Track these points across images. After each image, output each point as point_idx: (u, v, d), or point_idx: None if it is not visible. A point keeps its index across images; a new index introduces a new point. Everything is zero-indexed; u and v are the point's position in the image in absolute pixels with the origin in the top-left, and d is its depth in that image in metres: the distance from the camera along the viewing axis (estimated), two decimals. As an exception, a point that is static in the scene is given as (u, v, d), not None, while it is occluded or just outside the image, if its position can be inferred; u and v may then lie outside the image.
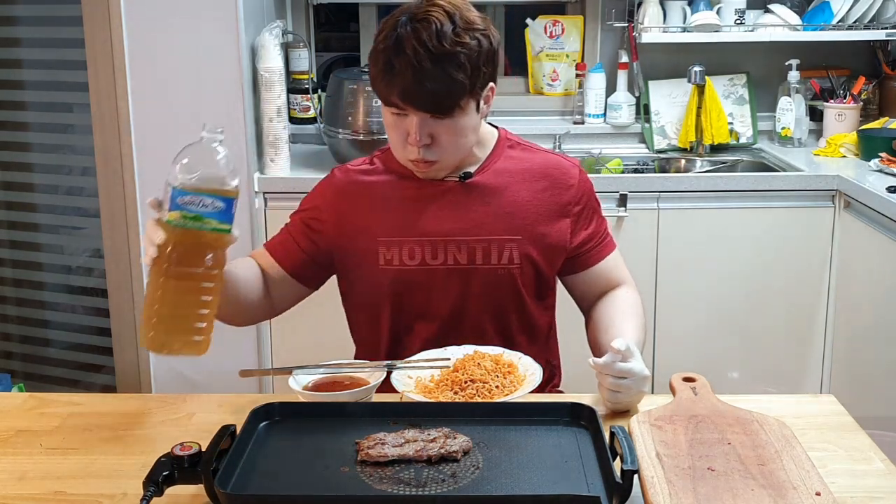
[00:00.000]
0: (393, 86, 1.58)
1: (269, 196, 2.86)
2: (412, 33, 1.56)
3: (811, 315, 2.94)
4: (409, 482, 1.21)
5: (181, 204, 1.32)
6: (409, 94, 1.57)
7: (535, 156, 1.78)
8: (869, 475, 1.30)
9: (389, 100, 1.61)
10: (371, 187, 1.75)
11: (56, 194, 3.24)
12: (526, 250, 1.71)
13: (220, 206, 1.35)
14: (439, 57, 1.55)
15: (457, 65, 1.57)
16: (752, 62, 3.39)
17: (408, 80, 1.56)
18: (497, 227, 1.71)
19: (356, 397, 1.45)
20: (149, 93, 2.76)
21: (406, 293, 1.72)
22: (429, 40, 1.55)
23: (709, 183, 2.91)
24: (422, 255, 1.70)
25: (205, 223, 1.34)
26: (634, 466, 1.17)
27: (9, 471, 1.32)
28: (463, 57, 1.57)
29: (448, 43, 1.56)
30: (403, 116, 1.62)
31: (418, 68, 1.55)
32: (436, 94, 1.57)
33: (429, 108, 1.59)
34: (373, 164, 1.79)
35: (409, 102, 1.59)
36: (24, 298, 3.29)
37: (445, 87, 1.57)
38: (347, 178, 1.77)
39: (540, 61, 3.47)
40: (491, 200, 1.72)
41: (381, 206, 1.73)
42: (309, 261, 1.75)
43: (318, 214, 1.76)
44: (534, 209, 1.73)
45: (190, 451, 1.20)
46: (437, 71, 1.56)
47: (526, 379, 1.51)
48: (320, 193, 1.79)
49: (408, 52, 1.55)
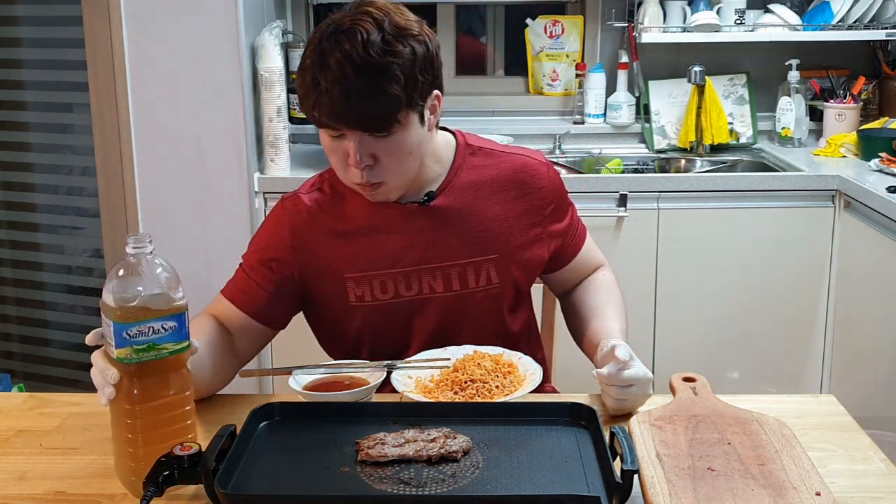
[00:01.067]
0: (320, 105, 1.44)
1: (269, 196, 2.86)
2: (335, 46, 1.42)
3: (811, 315, 2.94)
4: (409, 482, 1.21)
5: (129, 338, 1.19)
6: (339, 113, 1.44)
7: (501, 160, 1.66)
8: (869, 475, 1.30)
9: (320, 121, 1.47)
10: (327, 218, 1.61)
11: (56, 194, 3.24)
12: (505, 267, 1.63)
13: (172, 326, 1.22)
14: (368, 70, 1.41)
15: (389, 77, 1.42)
16: (752, 62, 3.39)
17: (335, 98, 1.42)
18: (471, 248, 1.61)
19: (356, 397, 1.44)
20: (149, 93, 2.76)
21: (382, 328, 1.63)
22: (354, 52, 1.41)
23: (709, 183, 2.91)
24: (395, 288, 1.60)
25: (161, 350, 1.21)
26: (634, 466, 1.17)
27: (9, 471, 1.32)
28: (395, 68, 1.43)
29: (376, 53, 1.42)
30: (341, 138, 1.48)
31: (345, 84, 1.41)
32: (368, 111, 1.43)
33: (363, 126, 1.45)
34: (323, 190, 1.64)
35: (341, 122, 1.45)
36: (24, 298, 3.29)
37: (378, 102, 1.43)
38: (299, 211, 1.62)
39: (540, 61, 3.47)
40: (461, 220, 1.61)
41: (342, 238, 1.60)
42: (275, 303, 1.61)
43: (276, 254, 1.61)
44: (507, 223, 1.63)
45: (190, 451, 1.20)
46: (366, 85, 1.41)
47: (526, 379, 1.51)
48: (274, 231, 1.64)
49: (332, 66, 1.41)
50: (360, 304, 1.62)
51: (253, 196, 2.82)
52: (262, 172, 2.88)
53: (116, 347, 1.20)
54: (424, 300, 1.62)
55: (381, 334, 1.65)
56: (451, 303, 1.63)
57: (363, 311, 1.62)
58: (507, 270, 1.64)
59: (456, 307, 1.64)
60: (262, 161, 2.88)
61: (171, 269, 1.24)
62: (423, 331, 1.64)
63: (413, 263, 1.60)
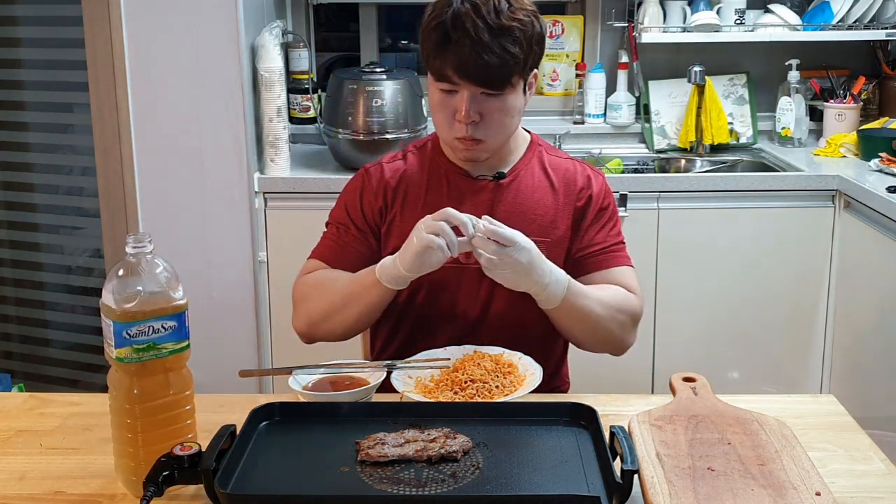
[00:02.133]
0: (448, 59, 1.59)
1: (269, 196, 2.86)
2: (471, 9, 1.58)
3: (811, 315, 2.94)
4: (409, 482, 1.21)
5: (129, 338, 1.20)
6: (466, 66, 1.59)
7: (563, 162, 1.80)
8: (869, 475, 1.30)
9: (443, 73, 1.61)
10: (405, 183, 1.76)
11: (56, 194, 3.24)
12: (552, 253, 1.69)
13: (172, 326, 1.22)
14: (497, 31, 1.58)
15: (513, 39, 1.59)
16: (752, 62, 3.39)
17: (465, 53, 1.58)
18: (528, 227, 1.68)
19: (356, 397, 1.45)
20: (149, 93, 2.76)
21: (435, 290, 1.72)
22: (487, 15, 1.58)
23: (709, 183, 2.91)
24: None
25: (161, 350, 1.22)
26: (634, 466, 1.17)
27: (9, 471, 1.32)
28: (518, 32, 1.59)
29: (505, 18, 1.59)
30: (453, 94, 1.63)
31: (477, 41, 1.57)
32: (492, 67, 1.58)
33: (483, 81, 1.60)
34: (405, 160, 1.80)
35: (465, 76, 1.60)
36: (24, 298, 3.29)
37: (502, 60, 1.59)
38: (381, 176, 1.77)
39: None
40: (521, 202, 1.74)
41: (416, 202, 1.74)
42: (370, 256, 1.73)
43: (361, 211, 1.76)
44: (559, 216, 1.74)
45: (190, 451, 1.20)
46: (494, 44, 1.58)
47: (526, 379, 1.51)
48: (357, 192, 1.78)
49: (467, 25, 1.57)
50: None
51: (253, 196, 2.82)
52: (262, 172, 2.88)
53: (116, 347, 1.20)
54: (479, 271, 1.66)
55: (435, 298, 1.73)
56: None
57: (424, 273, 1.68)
58: (553, 257, 1.69)
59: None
60: (262, 161, 2.88)
61: (171, 268, 1.24)
62: (474, 301, 1.72)
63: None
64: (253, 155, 2.83)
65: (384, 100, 2.88)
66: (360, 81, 2.90)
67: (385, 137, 2.87)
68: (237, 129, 2.77)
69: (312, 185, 2.85)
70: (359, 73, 2.94)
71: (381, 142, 2.86)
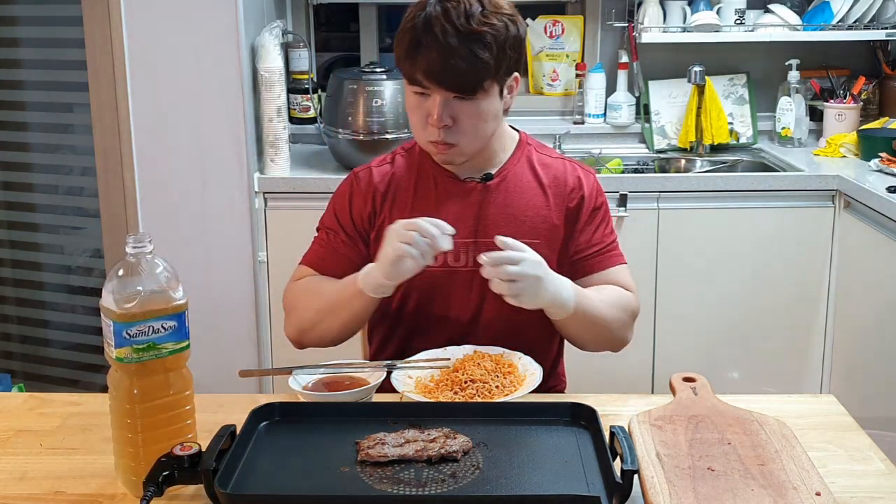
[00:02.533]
0: (418, 63, 1.59)
1: (269, 196, 2.86)
2: (442, 13, 1.58)
3: (811, 315, 2.94)
4: (409, 482, 1.21)
5: (129, 338, 1.20)
6: (434, 71, 1.58)
7: (553, 162, 1.78)
8: (869, 475, 1.30)
9: (414, 77, 1.61)
10: (394, 188, 1.75)
11: (56, 194, 3.24)
12: (544, 254, 1.67)
13: (172, 326, 1.22)
14: (466, 35, 1.57)
15: (483, 45, 1.58)
16: (752, 62, 3.39)
17: (433, 58, 1.57)
18: (517, 229, 1.69)
19: (356, 397, 1.45)
20: (149, 93, 2.76)
21: (427, 294, 1.72)
22: (457, 19, 1.57)
23: (709, 183, 2.91)
24: (445, 257, 1.69)
25: (161, 349, 1.22)
26: (634, 466, 1.17)
27: (9, 471, 1.32)
28: (489, 37, 1.58)
29: (475, 23, 1.58)
30: (426, 97, 1.62)
31: (445, 45, 1.56)
32: (461, 72, 1.58)
33: (453, 86, 1.60)
34: (394, 163, 1.79)
35: (434, 80, 1.59)
36: (24, 298, 3.29)
37: (471, 65, 1.57)
38: (370, 180, 1.76)
39: (540, 61, 3.47)
40: (510, 203, 1.72)
41: (405, 206, 1.73)
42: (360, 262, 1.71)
43: (350, 218, 1.75)
44: (550, 216, 1.73)
45: (190, 451, 1.20)
46: (463, 49, 1.57)
47: (526, 379, 1.51)
48: (346, 197, 1.78)
49: (436, 30, 1.57)
50: None
51: (253, 196, 2.82)
52: (262, 172, 2.88)
53: (116, 347, 1.20)
54: (471, 273, 1.69)
55: (426, 302, 1.72)
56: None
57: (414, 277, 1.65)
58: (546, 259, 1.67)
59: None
60: (262, 161, 2.88)
61: (171, 268, 1.24)
62: (466, 305, 1.71)
63: (464, 236, 1.69)
64: (253, 155, 2.83)
65: (384, 100, 2.88)
66: (360, 81, 2.90)
67: (385, 137, 2.87)
68: (237, 129, 2.77)
69: (312, 185, 2.85)
70: (359, 73, 2.94)
71: (381, 142, 2.86)
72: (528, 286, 1.50)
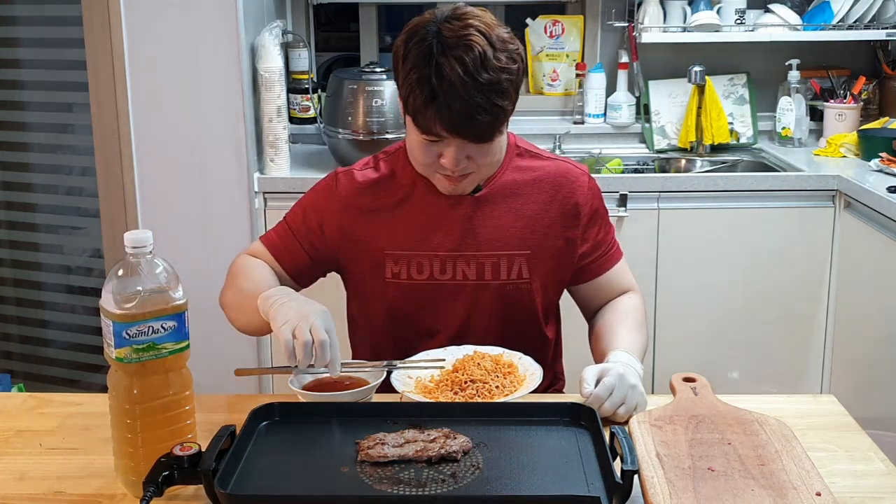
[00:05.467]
0: (440, 118, 1.51)
1: (268, 196, 2.86)
2: (456, 63, 1.48)
3: (811, 315, 2.94)
4: (409, 482, 1.21)
5: (129, 338, 1.19)
6: (458, 126, 1.51)
7: (544, 164, 1.72)
8: (869, 475, 1.30)
9: (431, 130, 1.53)
10: (377, 196, 1.69)
11: (56, 194, 3.24)
12: (535, 265, 1.68)
13: (172, 326, 1.22)
14: (486, 86, 1.49)
15: (501, 92, 1.51)
16: (752, 62, 3.39)
17: (456, 113, 1.49)
18: (507, 241, 1.66)
19: (356, 397, 1.44)
20: (149, 93, 2.76)
21: (412, 308, 1.68)
22: (474, 69, 1.48)
23: (709, 183, 2.91)
24: (430, 270, 1.66)
25: (161, 350, 1.22)
26: (634, 467, 1.17)
27: (9, 471, 1.32)
28: (506, 83, 1.52)
29: (492, 70, 1.50)
30: (437, 142, 1.56)
31: (466, 100, 1.48)
32: (484, 125, 1.52)
33: (474, 138, 1.54)
34: (378, 169, 1.71)
35: (455, 133, 1.52)
36: (24, 298, 3.29)
37: (493, 116, 1.52)
38: (352, 186, 1.70)
39: (540, 61, 3.47)
40: (500, 214, 1.67)
41: (388, 217, 1.68)
42: (311, 264, 1.71)
43: (321, 220, 1.70)
44: (543, 223, 1.68)
45: (190, 451, 1.20)
46: (485, 102, 1.49)
47: (526, 379, 1.51)
48: (323, 198, 1.72)
49: (454, 81, 1.48)
50: (396, 281, 1.67)
51: (253, 196, 2.82)
52: (261, 172, 2.88)
53: (116, 347, 1.20)
54: (457, 286, 1.67)
55: (411, 315, 1.69)
56: (483, 292, 1.67)
57: (397, 288, 1.67)
58: (538, 268, 1.68)
59: (487, 297, 1.68)
60: (262, 161, 2.88)
61: (171, 268, 1.24)
62: (452, 317, 1.68)
63: (450, 249, 1.66)
64: (253, 155, 2.83)
65: (384, 100, 2.88)
66: (360, 81, 2.90)
67: (385, 137, 2.87)
68: (237, 129, 2.78)
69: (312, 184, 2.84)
70: (359, 73, 2.94)
71: (380, 142, 2.86)
72: (640, 403, 1.44)
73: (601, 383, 1.42)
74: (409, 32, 1.56)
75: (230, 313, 1.68)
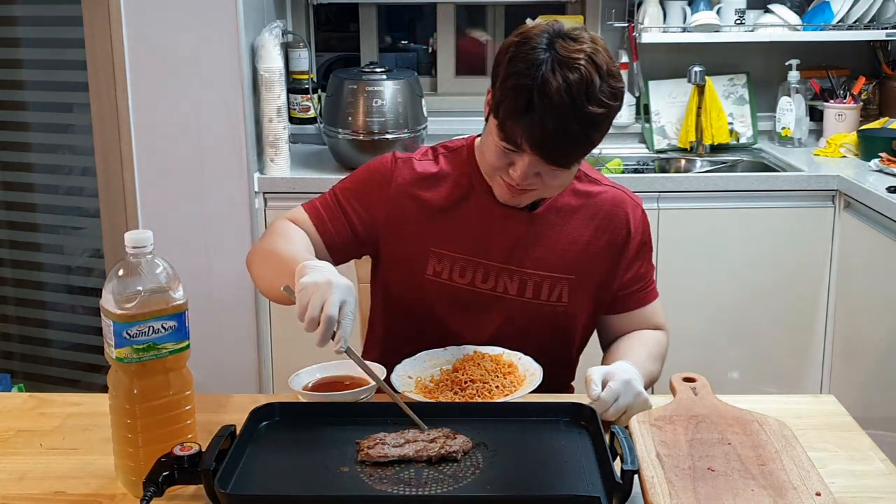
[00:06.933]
0: (529, 131, 1.46)
1: (268, 196, 2.86)
2: (563, 84, 1.43)
3: (811, 315, 2.94)
4: (409, 482, 1.21)
5: (129, 338, 1.19)
6: (542, 145, 1.46)
7: (602, 191, 1.69)
8: (869, 475, 1.30)
9: (514, 139, 1.48)
10: (433, 191, 1.65)
11: (56, 194, 3.24)
12: (577, 290, 1.65)
13: (172, 326, 1.22)
14: (586, 118, 1.45)
15: (597, 126, 1.48)
16: (752, 62, 3.39)
17: (548, 133, 1.45)
18: (553, 263, 1.64)
19: (356, 397, 1.45)
20: (149, 93, 2.76)
21: (444, 310, 1.65)
22: (578, 96, 1.44)
23: (709, 183, 2.91)
24: (473, 277, 1.63)
25: (161, 350, 1.22)
26: (634, 467, 1.17)
27: (9, 471, 1.32)
28: (603, 118, 1.48)
29: (595, 104, 1.45)
30: (514, 152, 1.50)
31: (562, 126, 1.44)
32: (568, 151, 1.49)
33: (554, 161, 1.50)
34: (437, 162, 1.67)
35: (537, 151, 1.47)
36: (24, 298, 3.29)
37: (580, 145, 1.49)
38: (409, 174, 1.65)
39: (540, 61, 3.47)
40: (551, 235, 1.65)
41: (439, 212, 1.64)
42: (351, 241, 1.65)
43: (371, 200, 1.65)
44: (591, 250, 1.66)
45: (190, 451, 1.20)
46: (578, 131, 1.46)
47: (526, 379, 1.51)
48: (377, 179, 1.66)
49: (555, 101, 1.43)
50: (435, 279, 1.64)
51: (253, 196, 2.82)
52: (261, 172, 2.88)
53: (116, 347, 1.20)
54: (495, 298, 1.64)
55: (441, 317, 1.65)
56: (519, 309, 1.65)
57: (435, 287, 1.64)
58: (579, 295, 1.66)
59: (522, 315, 1.65)
60: (262, 161, 2.88)
61: (171, 268, 1.24)
62: (481, 328, 1.65)
63: (497, 260, 1.63)
64: (253, 155, 2.83)
65: (384, 100, 2.88)
66: (360, 81, 2.90)
67: (385, 137, 2.87)
68: (237, 129, 2.77)
69: (312, 185, 2.85)
70: (359, 73, 2.94)
71: (381, 142, 2.86)
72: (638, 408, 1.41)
73: (607, 388, 1.39)
74: (523, 36, 1.49)
75: (258, 270, 1.59)
